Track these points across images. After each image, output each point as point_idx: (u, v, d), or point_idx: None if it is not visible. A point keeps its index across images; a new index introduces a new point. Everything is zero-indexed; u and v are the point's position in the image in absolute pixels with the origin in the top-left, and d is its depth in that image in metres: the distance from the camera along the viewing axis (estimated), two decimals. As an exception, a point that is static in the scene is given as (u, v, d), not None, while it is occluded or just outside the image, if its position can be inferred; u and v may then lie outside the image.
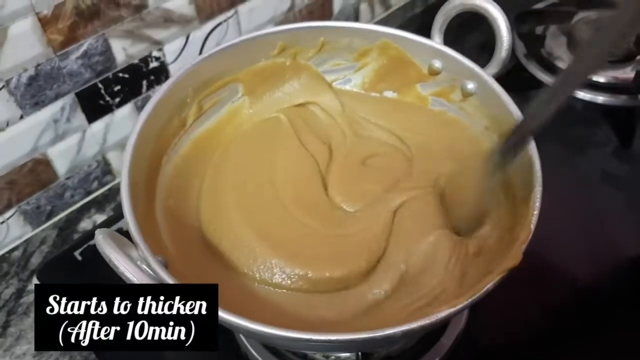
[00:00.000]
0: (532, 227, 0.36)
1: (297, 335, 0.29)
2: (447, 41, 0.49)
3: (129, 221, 0.34)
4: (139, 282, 0.29)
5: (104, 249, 0.30)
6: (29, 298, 0.55)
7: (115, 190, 0.63)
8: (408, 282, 0.39)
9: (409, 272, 0.39)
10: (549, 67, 0.70)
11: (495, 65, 0.47)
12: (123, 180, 0.37)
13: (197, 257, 0.40)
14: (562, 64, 0.70)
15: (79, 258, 0.54)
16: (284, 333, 0.29)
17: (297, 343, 0.32)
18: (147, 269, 0.32)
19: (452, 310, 0.31)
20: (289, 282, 0.39)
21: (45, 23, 0.49)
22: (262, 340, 0.41)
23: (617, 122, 0.66)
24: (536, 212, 0.36)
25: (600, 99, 0.67)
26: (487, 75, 0.45)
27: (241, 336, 0.48)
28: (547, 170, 0.39)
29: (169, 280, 0.31)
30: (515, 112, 0.42)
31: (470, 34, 0.66)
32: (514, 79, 0.51)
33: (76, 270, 0.54)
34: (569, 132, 0.64)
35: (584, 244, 0.54)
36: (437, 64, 0.48)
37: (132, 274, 0.30)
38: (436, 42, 0.48)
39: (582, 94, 0.67)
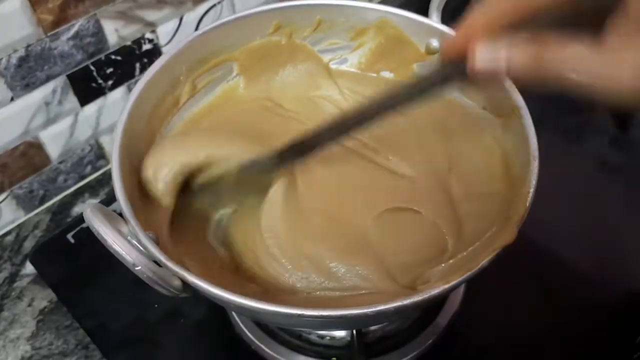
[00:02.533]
0: (528, 204, 0.35)
1: (288, 310, 0.29)
2: (445, 19, 0.48)
3: (119, 197, 0.34)
4: (127, 256, 0.29)
5: (92, 222, 0.29)
6: (22, 282, 0.55)
7: (109, 175, 0.61)
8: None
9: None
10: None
11: (492, 44, 0.46)
12: (114, 157, 0.36)
13: (189, 237, 0.40)
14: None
15: (72, 241, 0.54)
16: (274, 308, 0.29)
17: (289, 319, 0.32)
18: (137, 244, 0.31)
19: (445, 286, 0.31)
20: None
21: (35, 2, 0.48)
22: (254, 317, 0.41)
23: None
24: (532, 190, 0.36)
25: (598, 81, 0.66)
26: (484, 53, 0.45)
27: (235, 317, 0.48)
28: (545, 159, 0.38)
29: (159, 255, 0.31)
30: (513, 92, 0.42)
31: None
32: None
33: (69, 253, 0.54)
34: (566, 119, 0.64)
35: (582, 231, 0.54)
36: (435, 43, 0.47)
37: (121, 247, 0.29)
38: (434, 20, 0.48)
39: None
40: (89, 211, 0.30)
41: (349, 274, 0.38)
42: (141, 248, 0.31)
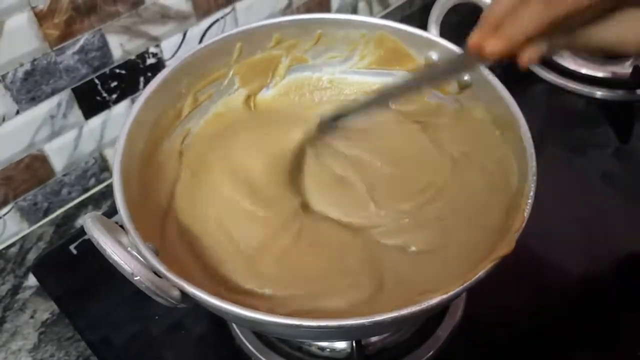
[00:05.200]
0: (526, 215, 0.36)
1: (286, 321, 0.29)
2: (444, 32, 0.49)
3: (120, 207, 0.34)
4: (126, 266, 0.29)
5: (92, 232, 0.30)
6: (25, 294, 0.55)
7: (112, 188, 0.63)
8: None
9: None
10: (547, 62, 0.69)
11: (491, 57, 0.46)
12: (116, 167, 0.37)
13: (188, 247, 0.40)
14: (560, 60, 0.69)
15: (75, 252, 0.54)
16: (273, 319, 0.29)
17: (288, 330, 0.32)
18: (137, 255, 0.31)
19: (443, 297, 0.31)
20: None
21: (41, 17, 0.49)
22: (254, 328, 0.41)
23: (615, 116, 0.66)
24: (530, 201, 0.36)
25: (598, 93, 0.67)
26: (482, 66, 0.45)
27: (236, 329, 0.48)
28: (548, 171, 0.39)
29: (159, 266, 0.31)
30: (511, 103, 0.42)
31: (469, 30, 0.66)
32: (512, 75, 0.51)
33: (71, 264, 0.54)
34: (569, 132, 0.64)
35: (584, 244, 0.54)
36: (434, 55, 0.48)
37: (120, 257, 0.29)
38: (432, 34, 0.48)
39: (581, 89, 0.67)
40: (89, 221, 0.30)
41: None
42: (140, 259, 0.31)
